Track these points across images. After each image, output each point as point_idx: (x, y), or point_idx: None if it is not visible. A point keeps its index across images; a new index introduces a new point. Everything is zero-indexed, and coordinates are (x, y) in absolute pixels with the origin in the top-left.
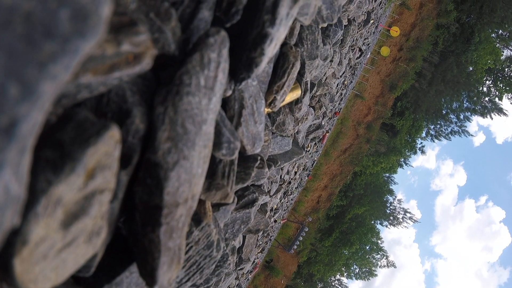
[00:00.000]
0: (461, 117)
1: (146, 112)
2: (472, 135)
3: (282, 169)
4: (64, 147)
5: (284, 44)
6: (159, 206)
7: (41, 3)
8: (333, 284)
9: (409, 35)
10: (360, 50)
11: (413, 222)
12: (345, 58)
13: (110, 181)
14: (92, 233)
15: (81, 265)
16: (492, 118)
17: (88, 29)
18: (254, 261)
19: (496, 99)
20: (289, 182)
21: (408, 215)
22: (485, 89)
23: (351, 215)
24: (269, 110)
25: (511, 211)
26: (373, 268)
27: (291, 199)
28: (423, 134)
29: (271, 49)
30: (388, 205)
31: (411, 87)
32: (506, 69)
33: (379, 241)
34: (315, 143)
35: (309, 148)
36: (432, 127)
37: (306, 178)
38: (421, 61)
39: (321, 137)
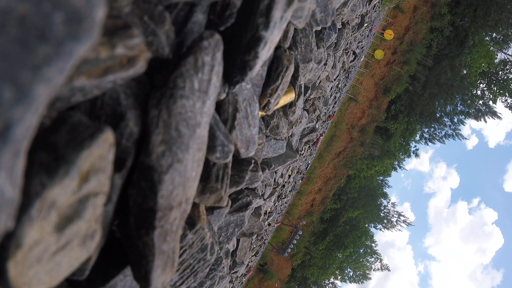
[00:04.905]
0: (455, 120)
1: (140, 115)
2: (466, 138)
3: (276, 172)
4: (58, 150)
5: (278, 47)
6: (153, 209)
7: (35, 7)
8: (327, 287)
9: (403, 38)
10: (354, 53)
11: (407, 225)
12: (339, 61)
13: (104, 184)
14: (86, 236)
15: (75, 268)
16: (486, 121)
17: (82, 32)
18: (248, 265)
19: (490, 102)
20: (283, 186)
21: (402, 218)
22: (479, 92)
23: (345, 218)
24: (263, 113)
25: (503, 212)
26: (367, 271)
27: (285, 203)
28: (417, 137)
29: (265, 52)
30: (382, 208)
31: (405, 90)
32: (500, 72)
33: (373, 244)
34: (309, 146)
35: (303, 151)
36: (426, 130)
37: (300, 181)
38: (415, 64)
39: (315, 140)
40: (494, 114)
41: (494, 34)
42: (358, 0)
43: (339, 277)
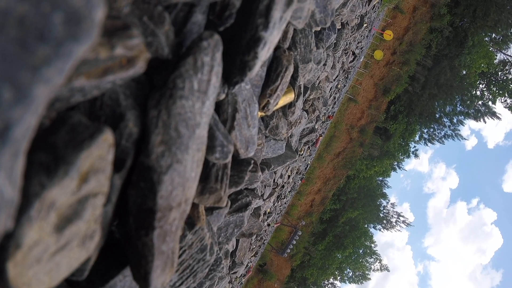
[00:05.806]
0: (455, 120)
1: (139, 115)
2: (465, 139)
3: (275, 172)
4: (57, 150)
5: (277, 48)
6: (153, 210)
7: (34, 7)
8: (326, 287)
9: (402, 38)
10: (353, 53)
11: (406, 226)
12: (338, 62)
13: (103, 185)
14: (86, 237)
15: (74, 268)
16: (485, 122)
17: (82, 33)
18: (247, 265)
19: (490, 103)
20: (283, 186)
21: (401, 218)
22: (478, 92)
23: (345, 219)
24: (263, 113)
25: (502, 213)
26: (367, 272)
27: (285, 203)
28: (417, 138)
29: (265, 53)
30: (382, 208)
31: (405, 90)
32: (500, 73)
33: (372, 245)
34: (309, 147)
35: (302, 152)
36: (425, 130)
37: (300, 181)
38: (415, 64)
39: (314, 140)
40: (493, 114)
41: (494, 35)
42: (358, 1)
43: (338, 278)
